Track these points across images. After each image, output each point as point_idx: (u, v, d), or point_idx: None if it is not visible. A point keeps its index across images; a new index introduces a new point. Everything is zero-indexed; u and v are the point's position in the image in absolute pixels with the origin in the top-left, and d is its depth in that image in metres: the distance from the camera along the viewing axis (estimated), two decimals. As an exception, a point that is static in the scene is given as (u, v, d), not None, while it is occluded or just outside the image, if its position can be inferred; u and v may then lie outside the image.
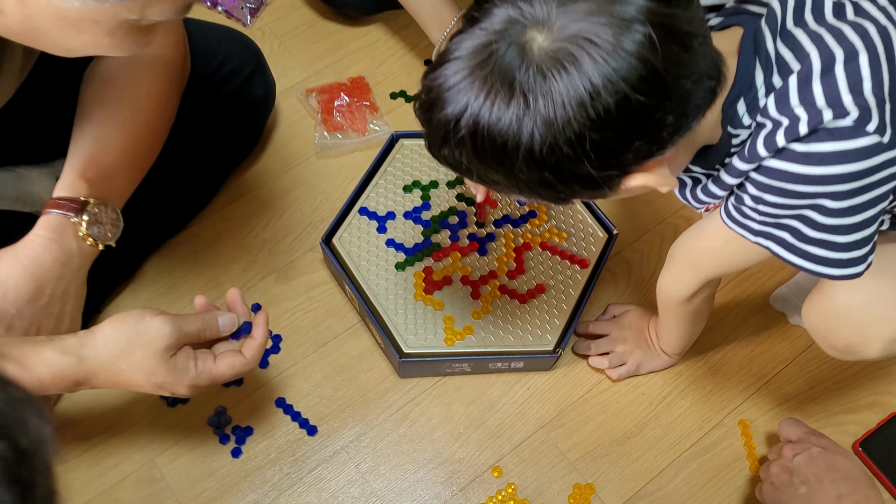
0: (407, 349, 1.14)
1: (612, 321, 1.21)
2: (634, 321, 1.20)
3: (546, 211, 1.26)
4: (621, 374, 1.18)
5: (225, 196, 1.33)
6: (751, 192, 0.78)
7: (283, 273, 1.27)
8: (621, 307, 1.23)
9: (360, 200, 1.25)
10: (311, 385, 1.19)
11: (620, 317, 1.21)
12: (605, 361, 1.18)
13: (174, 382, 0.89)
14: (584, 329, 1.22)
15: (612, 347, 1.18)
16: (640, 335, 1.19)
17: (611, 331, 1.20)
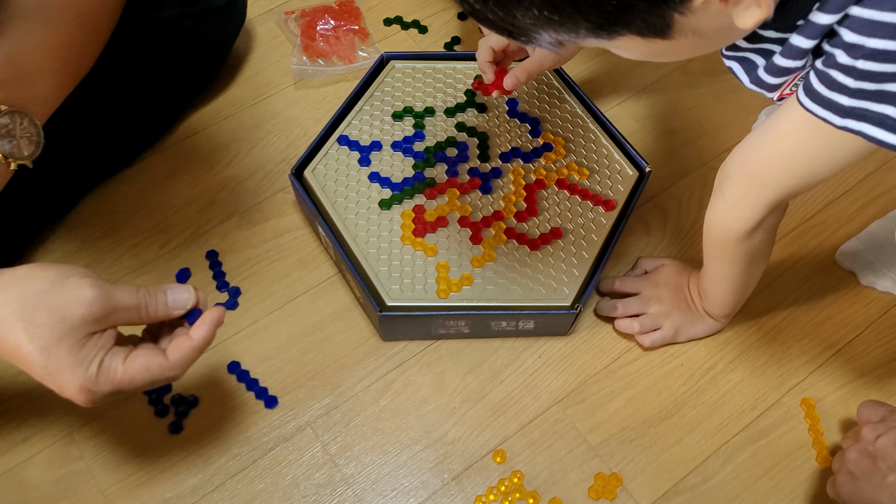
0: (390, 302, 0.92)
1: (643, 277, 0.99)
2: (671, 277, 0.97)
3: (564, 144, 1.04)
4: (655, 340, 0.96)
5: (184, 128, 1.13)
6: (837, 56, 0.57)
7: (246, 216, 1.06)
8: (654, 261, 1.01)
9: (341, 128, 1.03)
10: (273, 347, 0.97)
11: (654, 272, 0.99)
12: (635, 325, 0.96)
13: (65, 374, 0.65)
14: (610, 286, 1.00)
15: (644, 308, 0.96)
16: (679, 294, 0.97)
17: (642, 289, 0.97)
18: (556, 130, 1.05)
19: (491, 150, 1.03)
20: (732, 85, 1.15)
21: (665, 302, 0.96)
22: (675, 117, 1.16)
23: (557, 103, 1.07)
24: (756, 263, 0.85)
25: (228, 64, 1.18)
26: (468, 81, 1.08)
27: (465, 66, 1.09)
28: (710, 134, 1.14)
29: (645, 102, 1.17)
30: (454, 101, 1.06)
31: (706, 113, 1.16)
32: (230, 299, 1.01)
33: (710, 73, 1.20)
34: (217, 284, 1.01)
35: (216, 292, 1.01)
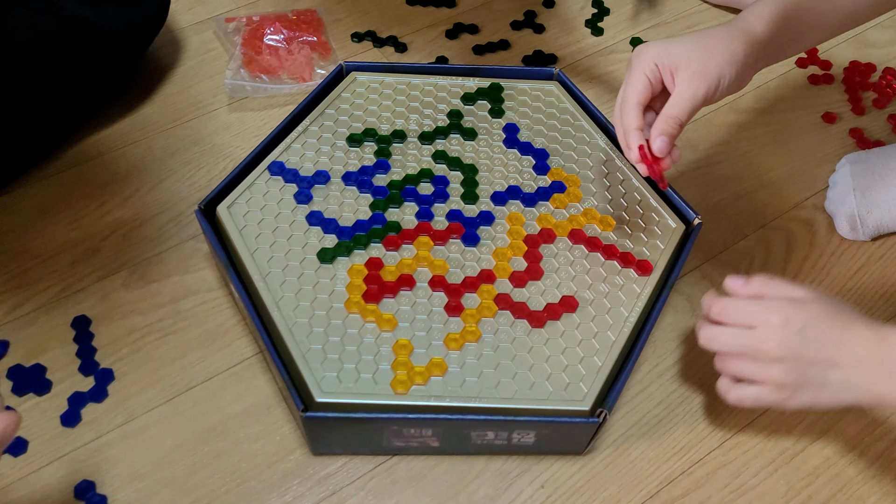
0: (322, 396, 0.61)
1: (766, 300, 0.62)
2: (821, 319, 0.59)
3: (581, 184, 0.75)
4: (744, 397, 0.62)
5: (72, 153, 0.85)
6: None
7: (139, 271, 0.77)
8: (782, 287, 0.63)
9: (275, 153, 0.75)
10: (150, 460, 0.66)
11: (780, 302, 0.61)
12: (750, 392, 0.61)
13: None
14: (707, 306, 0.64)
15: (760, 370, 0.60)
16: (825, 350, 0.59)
17: (760, 315, 0.60)
18: (569, 166, 0.76)
19: (479, 187, 0.74)
20: (795, 125, 0.88)
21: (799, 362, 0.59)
22: (725, 164, 0.88)
23: (572, 132, 0.79)
24: None
25: (144, 75, 0.91)
26: (452, 101, 0.80)
27: (451, 83, 0.82)
28: (771, 186, 0.86)
29: (685, 143, 0.89)
30: (433, 123, 0.79)
31: (764, 160, 0.88)
32: (96, 386, 0.70)
33: (766, 110, 0.92)
34: (81, 364, 0.71)
35: (77, 375, 0.70)
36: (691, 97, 0.62)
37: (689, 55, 0.63)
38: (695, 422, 0.70)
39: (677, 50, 0.63)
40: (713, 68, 0.62)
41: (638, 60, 0.64)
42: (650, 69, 0.64)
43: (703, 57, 0.62)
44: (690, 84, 0.62)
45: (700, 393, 0.71)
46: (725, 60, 0.62)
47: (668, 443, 0.69)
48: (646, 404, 0.71)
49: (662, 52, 0.63)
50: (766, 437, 0.69)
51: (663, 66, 0.63)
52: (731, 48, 0.63)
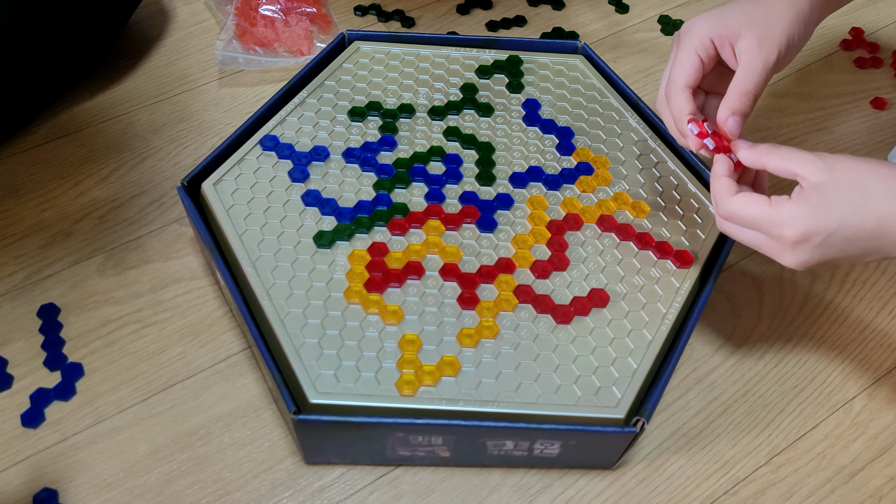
0: (317, 397, 0.53)
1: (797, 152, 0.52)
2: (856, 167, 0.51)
3: (611, 166, 0.67)
4: (738, 237, 0.54)
5: (46, 128, 0.77)
6: None
7: (115, 256, 0.69)
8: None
9: (269, 125, 0.67)
10: (121, 467, 0.58)
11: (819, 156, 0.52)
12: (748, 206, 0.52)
13: None
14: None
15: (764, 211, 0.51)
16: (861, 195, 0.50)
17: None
18: (597, 146, 0.68)
19: (497, 167, 0.66)
20: (841, 111, 0.80)
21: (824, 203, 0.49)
22: (765, 151, 0.80)
23: (599, 109, 0.71)
24: None
25: (128, 46, 0.84)
26: (466, 75, 0.73)
27: (465, 55, 0.74)
28: (817, 176, 0.78)
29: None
30: (444, 98, 0.71)
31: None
32: (62, 382, 0.62)
33: (809, 96, 0.85)
34: (46, 358, 0.63)
35: (42, 370, 0.62)
36: (763, 66, 0.54)
37: (750, 20, 0.55)
38: (739, 434, 0.62)
39: (734, 17, 0.55)
40: (780, 30, 0.54)
41: (689, 36, 0.56)
42: (703, 46, 0.55)
43: (766, 20, 0.54)
44: (760, 52, 0.54)
45: (744, 402, 0.63)
46: (792, 20, 0.55)
47: (708, 458, 0.60)
48: (683, 413, 0.63)
49: (718, 22, 0.55)
50: (820, 454, 0.61)
51: (720, 38, 0.55)
52: (794, 6, 0.55)
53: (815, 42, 0.89)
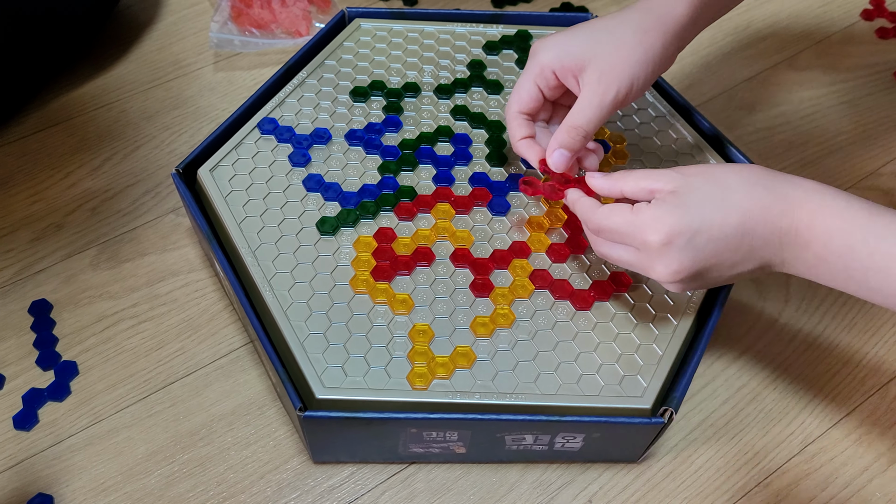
0: (323, 393, 0.50)
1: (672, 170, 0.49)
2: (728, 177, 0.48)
3: (628, 144, 0.64)
4: (610, 255, 0.50)
5: (36, 117, 0.74)
6: None
7: (109, 249, 0.66)
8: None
9: (266, 108, 0.64)
10: (119, 469, 0.55)
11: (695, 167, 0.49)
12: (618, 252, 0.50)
13: None
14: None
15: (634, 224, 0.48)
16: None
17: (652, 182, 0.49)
18: (613, 123, 0.65)
19: (508, 147, 0.63)
20: (863, 83, 0.77)
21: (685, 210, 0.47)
22: (786, 127, 0.76)
23: (614, 85, 0.68)
24: None
25: (119, 30, 0.80)
26: (473, 51, 0.69)
27: (471, 31, 0.70)
28: (841, 152, 0.75)
29: (739, 104, 0.78)
30: (451, 75, 0.67)
31: (831, 123, 0.77)
32: (56, 382, 0.59)
33: (830, 68, 0.81)
34: (38, 357, 0.60)
35: (35, 369, 0.59)
36: (599, 104, 0.52)
37: (595, 53, 0.52)
38: (769, 423, 0.59)
39: (581, 47, 0.52)
40: (624, 69, 0.51)
41: (532, 63, 0.54)
42: (543, 77, 0.54)
43: (612, 55, 0.51)
44: (597, 88, 0.51)
45: (774, 388, 0.60)
46: (638, 59, 0.51)
47: (738, 448, 0.57)
48: (710, 402, 0.59)
49: (563, 52, 0.53)
50: (855, 441, 0.58)
51: (563, 70, 0.53)
52: (645, 44, 0.51)
53: (834, 12, 0.86)
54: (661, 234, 0.45)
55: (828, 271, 0.45)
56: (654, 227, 0.46)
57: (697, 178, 0.47)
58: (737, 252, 0.46)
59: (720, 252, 0.46)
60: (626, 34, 0.52)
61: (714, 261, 0.46)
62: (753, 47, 0.82)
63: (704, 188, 0.46)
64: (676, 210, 0.46)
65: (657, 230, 0.46)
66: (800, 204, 0.45)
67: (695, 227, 0.45)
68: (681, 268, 0.46)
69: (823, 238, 0.44)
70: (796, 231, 0.45)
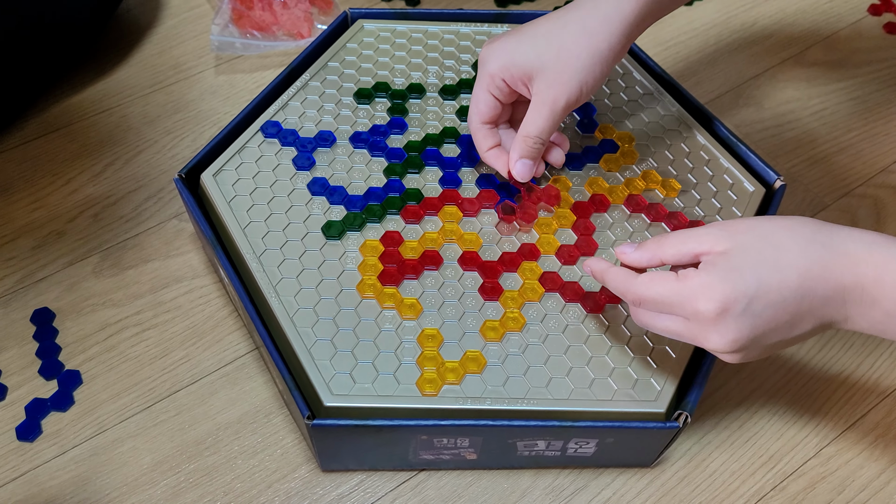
0: (331, 401, 0.49)
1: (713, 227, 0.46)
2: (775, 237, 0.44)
3: (636, 143, 0.63)
4: (655, 326, 0.46)
5: (35, 123, 0.73)
6: None
7: (112, 256, 0.65)
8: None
9: (269, 111, 0.63)
10: (125, 480, 0.54)
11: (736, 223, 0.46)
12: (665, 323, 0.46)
13: None
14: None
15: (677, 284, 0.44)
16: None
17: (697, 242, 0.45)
18: (621, 122, 0.64)
19: (516, 148, 0.62)
20: (873, 79, 0.76)
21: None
22: (796, 125, 0.75)
23: (622, 84, 0.67)
24: None
25: (119, 34, 0.80)
26: (478, 51, 0.68)
27: (476, 31, 0.70)
28: (851, 149, 0.74)
29: (746, 102, 0.77)
30: (456, 76, 0.66)
31: (841, 119, 0.76)
32: (59, 392, 0.58)
33: (839, 64, 0.80)
34: (41, 366, 0.59)
35: (37, 379, 0.58)
36: (550, 111, 0.52)
37: (542, 61, 0.52)
38: (784, 425, 0.58)
39: (526, 56, 0.52)
40: (572, 76, 0.51)
41: (482, 73, 0.55)
42: (496, 85, 0.54)
43: (557, 62, 0.51)
44: (546, 97, 0.52)
45: (788, 390, 0.59)
46: (584, 65, 0.51)
47: (753, 452, 0.56)
48: (723, 405, 0.59)
49: (509, 61, 0.53)
50: (872, 443, 0.57)
51: (512, 78, 0.53)
52: (591, 48, 0.51)
53: (841, 8, 0.85)
54: (716, 301, 0.42)
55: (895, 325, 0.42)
56: (707, 294, 0.42)
57: (746, 237, 0.43)
58: (797, 315, 0.43)
59: (779, 317, 0.42)
60: (569, 40, 0.51)
61: (773, 325, 0.42)
62: (760, 44, 0.81)
63: (756, 247, 0.43)
64: (730, 275, 0.42)
65: (711, 298, 0.42)
66: (863, 259, 0.42)
67: (751, 293, 0.42)
68: (739, 336, 0.42)
69: (894, 294, 0.42)
70: (862, 288, 0.42)
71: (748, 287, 0.42)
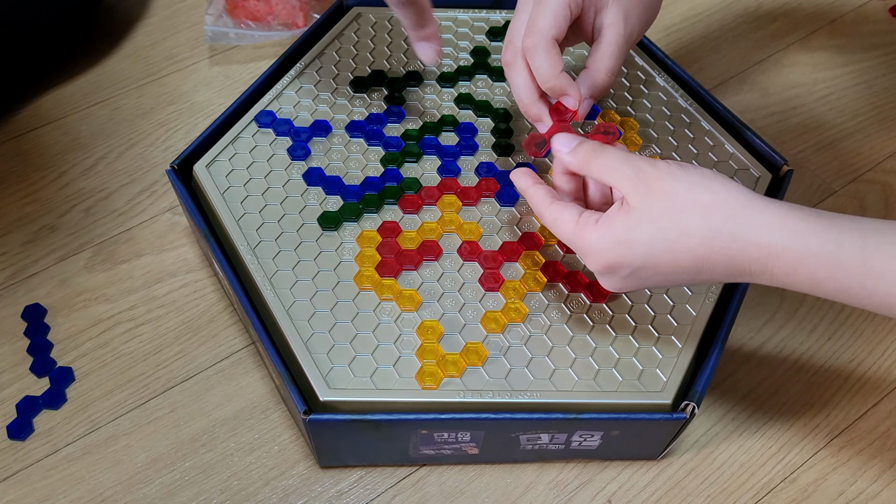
0: (328, 395, 0.48)
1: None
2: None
3: (640, 129, 0.61)
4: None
5: (25, 115, 0.72)
6: None
7: (105, 251, 0.63)
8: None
9: (264, 101, 0.62)
10: (118, 478, 0.53)
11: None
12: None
13: None
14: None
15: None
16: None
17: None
18: (624, 108, 0.63)
19: (515, 136, 0.61)
20: (879, 63, 0.74)
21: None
22: (802, 110, 0.74)
23: (624, 69, 0.65)
24: None
25: (111, 25, 0.78)
26: (476, 38, 0.67)
27: (474, 17, 0.68)
28: (859, 134, 0.72)
29: (751, 88, 0.75)
30: (454, 63, 0.65)
31: (848, 104, 0.74)
32: (51, 389, 0.56)
33: (844, 48, 0.79)
34: (32, 363, 0.58)
35: (29, 376, 0.57)
36: (626, 44, 0.48)
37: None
38: (793, 416, 0.56)
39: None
40: (641, 10, 0.49)
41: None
42: (575, 1, 0.47)
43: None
44: (624, 28, 0.48)
45: (797, 380, 0.58)
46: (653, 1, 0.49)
47: (762, 443, 0.55)
48: (731, 396, 0.57)
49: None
50: (884, 433, 0.56)
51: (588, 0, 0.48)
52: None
53: (847, -9, 0.83)
54: (601, 266, 0.44)
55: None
56: (594, 258, 0.44)
57: (659, 203, 0.42)
58: (692, 280, 0.43)
59: (669, 281, 0.44)
60: None
61: (662, 284, 0.45)
62: (764, 29, 0.80)
63: (659, 224, 0.42)
64: (621, 247, 0.42)
65: (597, 261, 0.44)
66: (777, 255, 0.40)
67: (638, 264, 0.43)
68: (624, 288, 0.45)
69: (808, 285, 0.41)
70: (771, 276, 0.41)
71: (635, 260, 0.42)
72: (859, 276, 0.39)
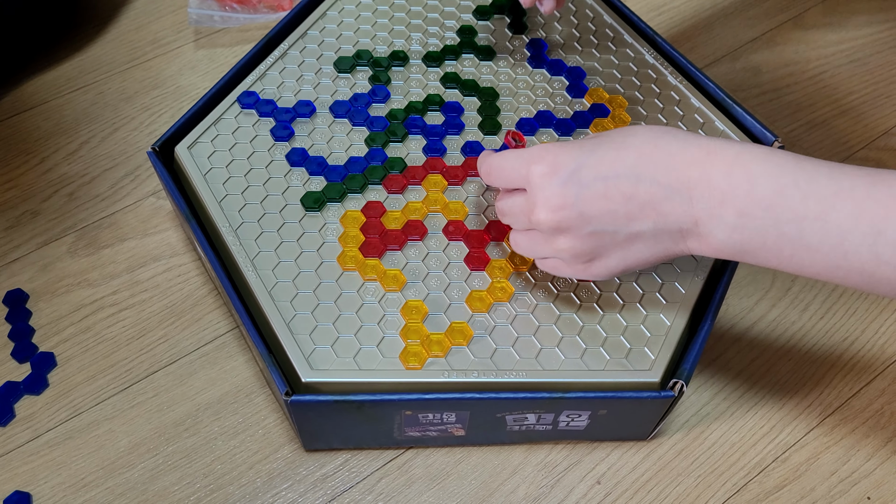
0: (310, 376, 0.47)
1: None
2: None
3: (628, 107, 0.60)
4: (545, 269, 0.48)
5: (8, 101, 0.71)
6: None
7: (87, 236, 0.63)
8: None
9: (246, 82, 0.61)
10: (100, 464, 0.52)
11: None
12: (542, 265, 0.48)
13: None
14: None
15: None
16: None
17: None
18: (612, 86, 0.62)
19: (502, 114, 0.60)
20: (873, 41, 0.73)
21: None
22: (794, 88, 0.73)
23: (612, 47, 0.64)
24: None
25: (94, 9, 0.77)
26: (463, 17, 0.66)
27: (460, -4, 0.67)
28: (852, 112, 0.71)
29: (745, 66, 0.74)
30: (440, 42, 0.64)
31: (841, 82, 0.73)
32: (33, 374, 0.56)
33: (838, 26, 0.78)
34: (14, 349, 0.57)
35: (10, 361, 0.56)
36: None
37: None
38: (785, 395, 0.55)
39: None
40: None
41: None
42: None
43: None
44: None
45: (789, 359, 0.57)
46: None
47: (753, 423, 0.54)
48: (722, 375, 0.56)
49: None
50: (877, 411, 0.55)
51: None
52: None
53: (840, -31, 0.82)
54: (545, 163, 0.42)
55: (755, 232, 0.39)
56: (539, 156, 0.43)
57: (606, 131, 0.45)
58: (632, 200, 0.41)
59: (611, 194, 0.41)
60: None
61: (604, 204, 0.41)
62: (757, 6, 0.79)
63: (608, 134, 0.43)
64: (565, 146, 0.43)
65: (542, 159, 0.43)
66: (715, 152, 0.40)
67: (582, 159, 0.42)
68: (564, 202, 0.42)
69: (745, 186, 0.38)
70: (709, 181, 0.39)
71: (581, 153, 0.42)
72: (793, 176, 0.38)
